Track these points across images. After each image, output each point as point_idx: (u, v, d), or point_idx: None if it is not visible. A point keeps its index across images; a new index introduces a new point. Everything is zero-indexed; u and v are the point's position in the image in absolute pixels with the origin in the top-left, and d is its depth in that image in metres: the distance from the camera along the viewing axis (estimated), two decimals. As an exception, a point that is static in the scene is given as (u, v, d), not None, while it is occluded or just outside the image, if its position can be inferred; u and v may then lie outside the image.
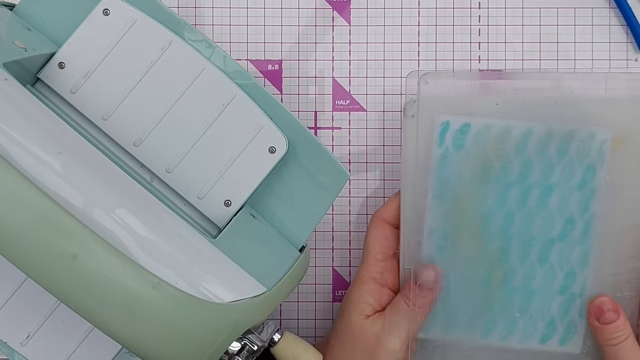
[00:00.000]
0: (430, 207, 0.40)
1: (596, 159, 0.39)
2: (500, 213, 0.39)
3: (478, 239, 0.40)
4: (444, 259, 0.40)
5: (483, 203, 0.39)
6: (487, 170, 0.39)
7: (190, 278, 0.31)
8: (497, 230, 0.40)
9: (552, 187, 0.39)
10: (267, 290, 0.34)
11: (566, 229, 0.39)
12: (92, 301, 0.28)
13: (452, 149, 0.39)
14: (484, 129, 0.39)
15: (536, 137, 0.39)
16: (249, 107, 0.38)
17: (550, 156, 0.39)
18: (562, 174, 0.39)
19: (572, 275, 0.40)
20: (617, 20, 0.46)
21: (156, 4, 0.39)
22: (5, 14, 0.38)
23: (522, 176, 0.39)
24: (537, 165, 0.39)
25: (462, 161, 0.39)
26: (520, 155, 0.39)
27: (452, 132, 0.39)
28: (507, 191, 0.39)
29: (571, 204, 0.39)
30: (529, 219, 0.39)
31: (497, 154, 0.39)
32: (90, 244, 0.28)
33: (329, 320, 0.47)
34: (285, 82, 0.46)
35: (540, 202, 0.39)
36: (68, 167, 0.31)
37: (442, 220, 0.40)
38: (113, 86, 0.38)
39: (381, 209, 0.41)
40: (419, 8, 0.46)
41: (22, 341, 0.37)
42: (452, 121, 0.39)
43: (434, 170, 0.39)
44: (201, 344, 0.31)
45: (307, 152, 0.40)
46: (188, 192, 0.38)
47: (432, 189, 0.40)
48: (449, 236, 0.40)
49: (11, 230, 0.27)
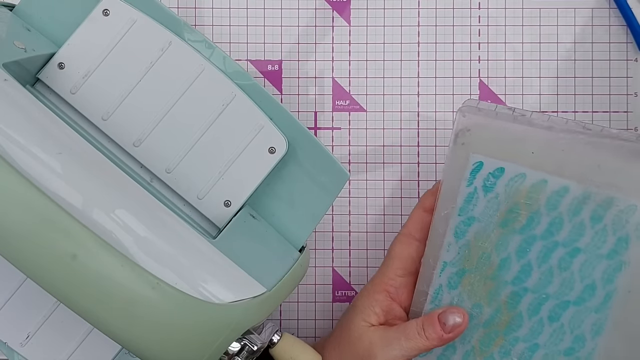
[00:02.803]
0: (448, 241, 0.39)
1: (632, 232, 0.36)
2: (518, 263, 0.38)
3: (490, 282, 0.38)
4: (453, 293, 0.39)
5: (502, 249, 0.38)
6: (513, 219, 0.37)
7: (189, 278, 0.31)
8: (511, 279, 0.38)
9: (579, 250, 0.37)
10: (267, 291, 0.34)
11: (585, 294, 0.37)
12: (92, 301, 0.28)
13: (481, 190, 0.38)
14: (518, 177, 0.37)
15: (572, 196, 0.36)
16: (248, 107, 0.38)
17: (583, 219, 0.36)
18: (593, 239, 0.36)
19: (581, 340, 0.37)
20: (617, 20, 0.46)
21: (156, 4, 0.39)
22: (5, 14, 0.38)
23: (549, 232, 0.37)
24: (568, 225, 0.37)
25: (488, 204, 0.38)
26: (552, 211, 0.37)
27: (483, 174, 0.38)
28: (530, 243, 0.37)
29: (596, 271, 0.37)
30: (548, 275, 0.37)
31: (527, 205, 0.37)
32: (90, 244, 0.28)
33: (329, 320, 0.47)
34: (285, 82, 0.46)
35: (563, 262, 0.37)
36: (68, 168, 0.31)
37: (457, 256, 0.39)
38: (113, 86, 0.38)
39: (410, 224, 0.40)
40: (419, 8, 0.46)
41: (22, 341, 0.37)
42: (486, 163, 0.38)
43: (458, 208, 0.38)
44: (201, 344, 0.31)
45: (307, 152, 0.40)
46: (188, 192, 0.38)
47: (453, 224, 0.39)
48: (461, 273, 0.39)
49: (11, 230, 0.28)
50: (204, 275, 0.32)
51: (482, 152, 0.38)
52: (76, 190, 0.31)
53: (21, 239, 0.28)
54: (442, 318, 0.38)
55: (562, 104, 0.46)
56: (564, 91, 0.46)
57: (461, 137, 0.38)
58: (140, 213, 0.32)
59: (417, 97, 0.46)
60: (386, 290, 0.40)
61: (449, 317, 0.38)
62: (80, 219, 0.28)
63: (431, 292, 0.39)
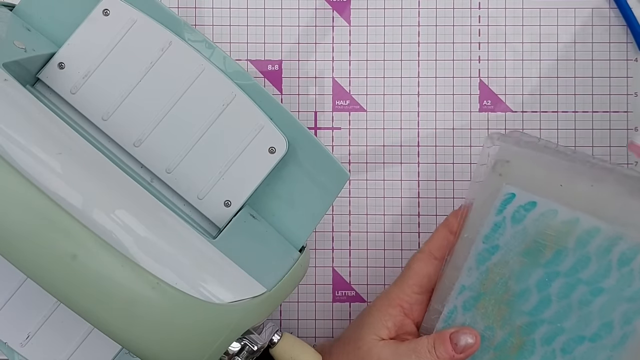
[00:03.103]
0: (469, 266, 0.38)
1: None
2: (538, 295, 0.37)
3: (505, 308, 0.38)
4: (466, 315, 0.39)
5: (523, 280, 0.38)
6: (539, 252, 0.37)
7: (190, 278, 0.31)
8: (528, 309, 0.38)
9: (602, 289, 0.37)
10: (267, 291, 0.34)
11: (602, 331, 0.37)
12: (92, 302, 0.28)
13: (509, 221, 0.37)
14: (549, 212, 0.37)
15: (602, 237, 0.36)
16: (249, 107, 0.38)
17: (611, 260, 0.36)
18: (618, 281, 0.36)
19: None
20: (617, 20, 0.46)
21: (156, 4, 0.39)
22: (5, 14, 0.38)
23: (574, 270, 0.37)
24: (594, 265, 0.36)
25: (515, 235, 0.37)
26: (580, 249, 0.37)
27: (514, 206, 0.37)
28: (552, 278, 0.37)
29: (616, 312, 0.36)
30: (567, 310, 0.37)
31: (555, 241, 0.37)
32: (90, 244, 0.28)
33: (329, 320, 0.47)
34: (285, 82, 0.46)
35: (584, 300, 0.37)
36: (68, 168, 0.31)
37: (476, 281, 0.38)
38: (113, 87, 0.38)
39: (432, 243, 0.40)
40: (419, 8, 0.46)
41: (22, 342, 0.37)
42: (519, 195, 0.37)
43: (483, 235, 0.38)
44: (201, 344, 0.31)
45: (307, 152, 0.40)
46: (188, 192, 0.38)
47: (476, 250, 0.38)
48: (477, 297, 0.38)
49: (11, 230, 0.27)
50: (204, 275, 0.32)
51: (517, 184, 0.37)
52: (76, 191, 0.31)
53: (21, 239, 0.27)
54: (454, 338, 0.37)
55: (562, 104, 0.46)
56: (564, 91, 0.46)
57: (499, 168, 0.38)
58: (140, 213, 0.32)
59: (417, 97, 0.46)
60: (400, 306, 0.39)
61: (460, 338, 0.37)
62: (80, 219, 0.28)
63: (445, 312, 0.39)
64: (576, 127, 0.46)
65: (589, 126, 0.46)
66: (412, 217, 0.46)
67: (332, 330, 0.47)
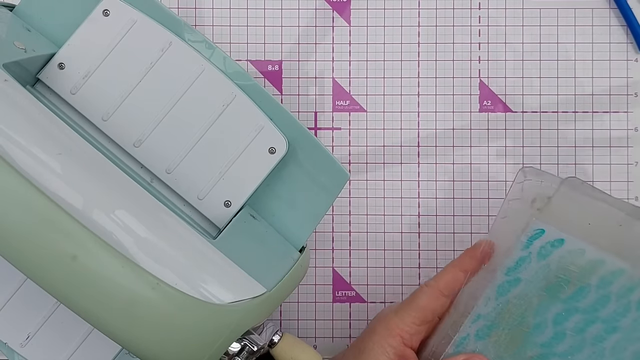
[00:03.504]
0: (488, 296, 0.38)
1: None
2: (552, 329, 0.38)
3: (520, 343, 0.38)
4: (478, 344, 0.39)
5: (541, 314, 0.38)
6: (561, 288, 0.37)
7: (190, 279, 0.31)
8: (542, 341, 0.38)
9: (617, 328, 0.37)
10: (267, 291, 0.34)
11: None
12: (92, 302, 0.28)
13: (535, 256, 0.37)
14: (577, 251, 0.37)
15: (626, 279, 0.36)
16: (249, 107, 0.38)
17: (631, 301, 0.37)
18: (634, 322, 0.37)
19: None
20: (617, 20, 0.46)
21: (156, 5, 0.39)
22: (5, 14, 0.38)
23: (593, 308, 0.37)
24: (613, 305, 0.37)
25: (539, 270, 0.37)
26: (602, 289, 0.37)
27: (542, 242, 0.37)
28: (570, 313, 0.37)
29: (628, 352, 0.37)
30: (580, 346, 0.37)
31: (579, 278, 0.37)
32: (90, 244, 0.28)
33: (329, 320, 0.47)
34: (285, 82, 0.46)
35: (598, 337, 0.37)
36: (68, 168, 0.31)
37: (492, 311, 0.38)
38: (113, 87, 0.38)
39: (442, 281, 0.39)
40: (419, 8, 0.46)
41: (22, 342, 0.37)
42: (548, 232, 0.37)
43: (506, 267, 0.38)
44: (201, 344, 0.31)
45: (307, 152, 0.40)
46: (188, 192, 0.38)
47: (498, 282, 0.38)
48: (492, 327, 0.38)
49: (11, 231, 0.28)
50: (204, 276, 0.32)
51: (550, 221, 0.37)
52: (76, 191, 0.31)
53: (21, 239, 0.28)
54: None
55: (562, 104, 0.46)
56: (564, 91, 0.46)
57: (539, 203, 0.38)
58: (140, 213, 0.32)
59: (417, 97, 0.46)
60: (400, 336, 0.39)
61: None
62: (80, 220, 0.28)
63: (457, 338, 0.39)
64: (576, 127, 0.46)
65: (589, 126, 0.46)
66: (412, 217, 0.46)
67: (332, 330, 0.47)
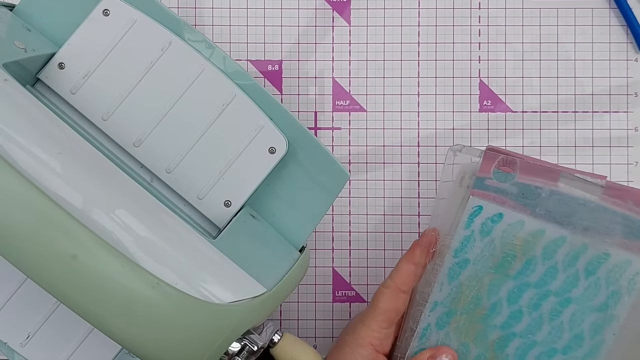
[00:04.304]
0: (440, 282, 0.38)
1: (625, 287, 0.36)
2: (508, 308, 0.38)
3: (479, 325, 0.38)
4: (440, 333, 0.39)
5: (494, 294, 0.38)
6: (508, 264, 0.37)
7: (190, 278, 0.31)
8: (500, 323, 0.38)
9: (570, 300, 0.37)
10: (267, 291, 0.34)
11: (573, 344, 0.37)
12: (92, 301, 0.28)
13: (478, 234, 0.38)
14: (516, 224, 0.37)
15: (568, 247, 0.37)
16: (249, 107, 0.38)
17: (579, 270, 0.37)
18: (586, 291, 0.37)
19: None
20: (617, 20, 0.46)
21: (156, 4, 0.39)
22: (6, 14, 0.38)
23: (543, 281, 0.37)
24: (562, 275, 0.37)
25: (484, 248, 0.38)
26: (547, 260, 0.37)
27: (482, 218, 0.37)
28: (522, 290, 0.38)
29: (585, 323, 0.37)
30: (538, 323, 0.37)
31: (523, 251, 0.37)
32: (90, 244, 0.28)
33: (329, 320, 0.47)
34: (285, 82, 0.46)
35: (554, 311, 0.37)
36: (68, 168, 0.31)
37: (448, 296, 0.38)
38: (113, 87, 0.38)
39: (397, 277, 0.39)
40: (419, 8, 0.46)
41: (22, 342, 0.37)
42: (486, 208, 0.37)
43: (453, 249, 0.38)
44: (201, 344, 0.31)
45: (307, 152, 0.40)
46: (188, 192, 0.38)
47: (447, 265, 0.38)
48: (450, 314, 0.39)
49: (11, 230, 0.27)
50: (204, 276, 0.32)
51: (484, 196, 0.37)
52: (76, 190, 0.31)
53: (21, 239, 0.27)
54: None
55: (562, 104, 0.46)
56: (564, 91, 0.46)
57: (467, 180, 0.38)
58: (140, 213, 0.32)
59: (417, 97, 0.46)
60: (371, 344, 0.39)
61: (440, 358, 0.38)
62: (80, 219, 0.28)
63: (419, 330, 0.39)
64: (576, 127, 0.46)
65: (589, 126, 0.46)
66: (412, 217, 0.46)
67: (332, 330, 0.47)
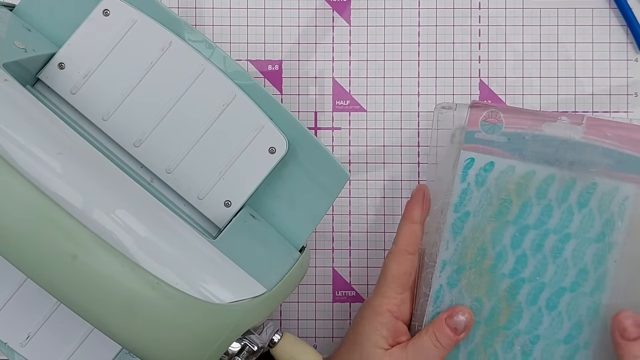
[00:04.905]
0: (446, 239, 0.40)
1: (617, 214, 0.38)
2: (514, 254, 0.39)
3: (488, 277, 0.39)
4: (453, 292, 0.40)
5: (498, 242, 0.39)
6: (506, 210, 0.39)
7: (190, 278, 0.31)
8: (508, 271, 0.39)
9: (569, 235, 0.39)
10: (267, 291, 0.34)
11: (578, 279, 0.39)
12: (92, 302, 0.28)
13: (474, 185, 0.39)
14: (507, 169, 0.39)
15: (558, 183, 0.38)
16: (249, 107, 0.38)
17: (571, 204, 0.38)
18: (582, 223, 0.38)
19: (579, 327, 0.39)
20: (617, 20, 0.46)
21: (156, 4, 0.39)
22: (6, 14, 0.38)
23: (541, 221, 0.39)
24: (557, 212, 0.39)
25: (482, 198, 0.39)
26: (541, 199, 0.39)
27: (475, 169, 0.39)
28: (523, 233, 0.39)
29: (587, 255, 0.38)
30: (543, 264, 0.39)
31: (518, 196, 0.39)
32: (90, 244, 0.28)
33: (329, 320, 0.47)
34: (285, 82, 0.46)
35: (555, 249, 0.39)
36: (68, 168, 0.31)
37: (455, 253, 0.40)
38: (113, 87, 0.38)
39: (401, 240, 0.40)
40: (419, 8, 0.46)
41: (22, 342, 0.37)
42: (477, 159, 0.39)
43: (454, 204, 0.39)
44: (201, 344, 0.31)
45: (307, 152, 0.40)
46: (188, 192, 0.38)
47: (450, 221, 0.40)
48: (460, 270, 0.40)
49: (11, 230, 0.28)
50: (204, 276, 0.32)
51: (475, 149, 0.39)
52: (76, 191, 0.31)
53: (22, 239, 0.28)
54: (449, 323, 0.38)
55: (562, 104, 0.46)
56: (564, 91, 0.46)
57: (458, 136, 0.40)
58: (140, 213, 0.32)
59: (417, 97, 0.46)
60: (389, 311, 0.39)
61: (455, 320, 0.38)
62: (80, 219, 0.28)
63: (432, 293, 0.40)
64: (576, 127, 0.46)
65: (589, 126, 0.46)
66: (412, 217, 0.46)
67: (332, 330, 0.47)
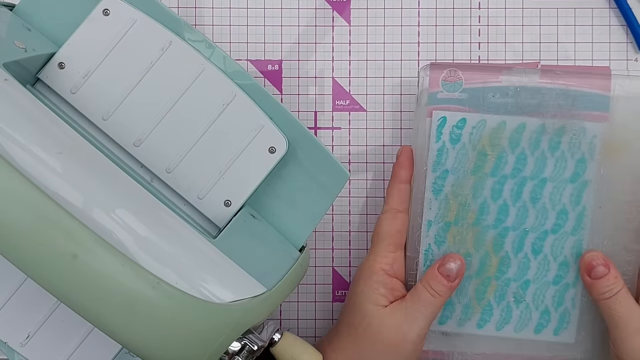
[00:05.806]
0: (428, 199, 0.41)
1: (587, 153, 0.40)
2: (495, 205, 0.41)
3: (473, 231, 0.41)
4: (441, 251, 0.41)
5: (479, 195, 0.41)
6: (483, 164, 0.41)
7: (190, 278, 0.31)
8: (492, 222, 0.41)
9: (545, 180, 0.40)
10: (267, 290, 0.34)
11: (559, 220, 0.41)
12: (92, 301, 0.28)
13: (449, 143, 0.41)
14: (479, 124, 0.40)
15: (529, 131, 0.40)
16: (249, 107, 0.38)
17: (544, 150, 0.40)
18: (555, 167, 0.40)
19: (565, 266, 0.41)
20: (617, 20, 0.46)
21: (156, 4, 0.39)
22: (5, 14, 0.38)
23: (517, 169, 0.40)
24: (531, 159, 0.40)
25: (458, 155, 0.41)
26: (515, 148, 0.40)
27: (448, 127, 0.41)
28: (502, 183, 0.41)
29: (564, 197, 0.40)
30: (524, 211, 0.41)
31: (492, 148, 0.40)
32: (90, 243, 0.28)
33: (329, 320, 0.47)
34: (285, 82, 0.46)
35: (534, 195, 0.41)
36: (68, 167, 0.31)
37: (438, 212, 0.41)
38: (113, 86, 0.38)
39: (391, 200, 0.41)
40: (419, 8, 0.46)
41: (22, 341, 0.37)
42: (449, 117, 0.40)
43: (432, 164, 0.41)
44: (201, 343, 0.31)
45: (307, 152, 0.40)
46: (188, 192, 0.38)
47: (430, 182, 0.41)
48: (446, 228, 0.41)
49: (11, 229, 0.28)
50: (204, 275, 0.32)
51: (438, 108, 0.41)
52: (76, 190, 0.31)
53: (22, 238, 0.28)
54: (442, 271, 0.40)
55: (562, 103, 0.46)
56: (564, 91, 0.46)
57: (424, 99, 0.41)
58: (140, 213, 0.32)
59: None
60: (382, 269, 0.40)
61: (447, 267, 0.40)
62: (80, 219, 0.28)
63: (422, 252, 0.41)
64: (576, 127, 0.46)
65: (589, 126, 0.46)
66: (412, 217, 0.46)
67: (332, 330, 0.47)
